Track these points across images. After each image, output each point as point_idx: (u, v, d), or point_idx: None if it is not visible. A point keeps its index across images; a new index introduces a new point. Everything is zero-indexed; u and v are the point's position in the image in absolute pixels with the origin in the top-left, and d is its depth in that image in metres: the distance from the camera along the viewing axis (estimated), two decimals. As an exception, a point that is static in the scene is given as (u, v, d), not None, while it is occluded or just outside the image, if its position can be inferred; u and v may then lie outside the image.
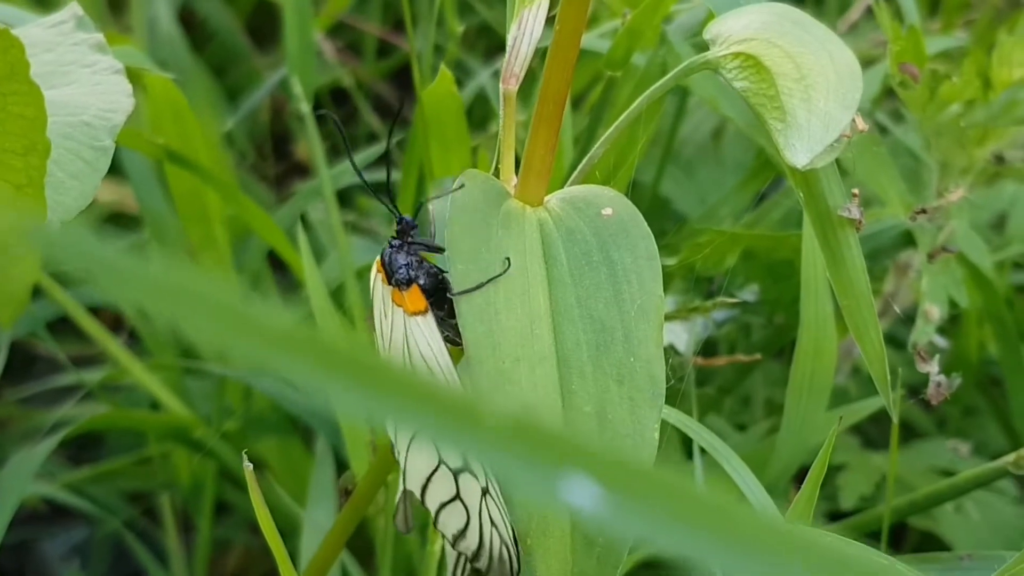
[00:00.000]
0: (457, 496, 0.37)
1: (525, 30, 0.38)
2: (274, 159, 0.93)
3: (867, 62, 0.71)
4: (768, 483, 0.50)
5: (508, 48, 0.38)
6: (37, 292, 0.62)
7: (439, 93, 0.47)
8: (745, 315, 0.56)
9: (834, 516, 0.56)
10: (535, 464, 0.15)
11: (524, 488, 0.15)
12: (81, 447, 0.74)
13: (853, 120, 0.38)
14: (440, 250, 0.38)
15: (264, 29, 0.96)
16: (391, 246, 0.38)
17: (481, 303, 0.35)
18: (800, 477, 0.53)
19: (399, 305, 0.37)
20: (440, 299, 0.38)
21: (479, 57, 0.88)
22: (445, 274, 0.37)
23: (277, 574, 0.73)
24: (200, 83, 0.81)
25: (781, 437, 0.49)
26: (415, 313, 0.37)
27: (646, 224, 0.37)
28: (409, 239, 0.38)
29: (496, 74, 0.65)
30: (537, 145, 0.37)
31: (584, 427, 0.35)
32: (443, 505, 0.37)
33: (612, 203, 0.38)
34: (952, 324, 0.60)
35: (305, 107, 0.58)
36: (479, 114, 0.73)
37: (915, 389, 0.57)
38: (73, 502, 0.68)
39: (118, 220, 0.79)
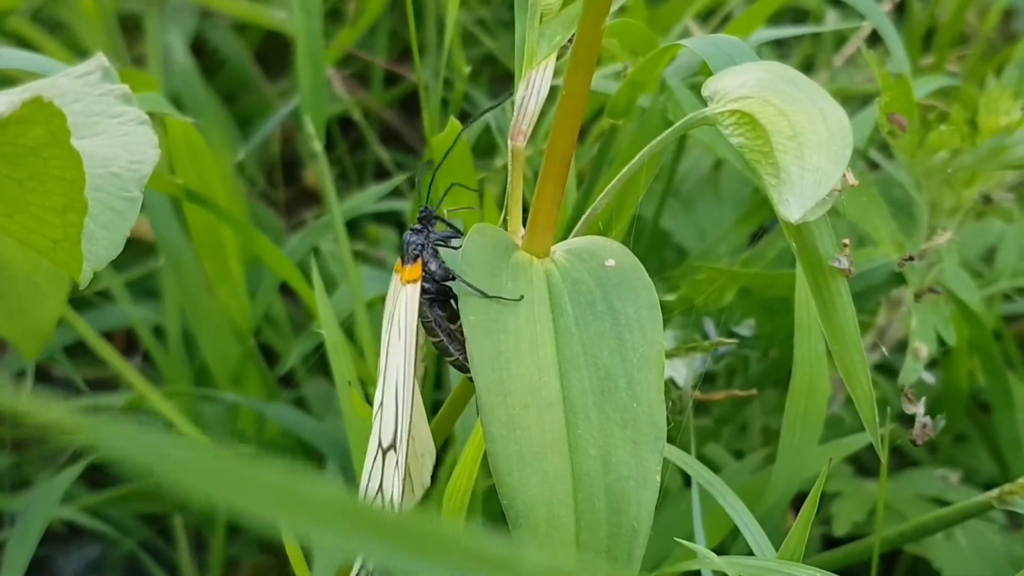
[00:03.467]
0: None
1: (532, 90, 0.40)
2: (284, 184, 0.95)
3: (863, 98, 0.73)
4: (766, 511, 0.52)
5: (516, 107, 0.40)
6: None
7: (448, 140, 0.49)
8: (742, 348, 0.58)
9: (829, 542, 0.58)
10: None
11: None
12: (95, 466, 0.76)
13: (844, 175, 0.40)
14: (454, 244, 0.41)
15: (273, 58, 0.98)
16: (412, 231, 0.41)
17: (492, 352, 0.37)
18: (797, 503, 0.55)
19: (399, 274, 0.41)
20: (453, 313, 0.41)
21: (484, 86, 0.90)
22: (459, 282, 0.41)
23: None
24: (212, 112, 0.84)
25: (776, 470, 0.51)
26: (409, 281, 0.41)
27: (647, 275, 0.39)
28: (429, 228, 0.41)
29: (502, 108, 0.67)
30: (544, 200, 0.39)
31: (589, 469, 0.37)
32: None
33: (615, 254, 0.40)
34: (944, 355, 0.62)
35: (318, 145, 0.60)
36: (484, 143, 0.75)
37: (907, 418, 0.59)
38: (90, 524, 0.70)
39: (131, 246, 0.81)
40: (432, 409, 0.46)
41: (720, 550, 0.53)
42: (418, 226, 0.42)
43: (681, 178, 0.68)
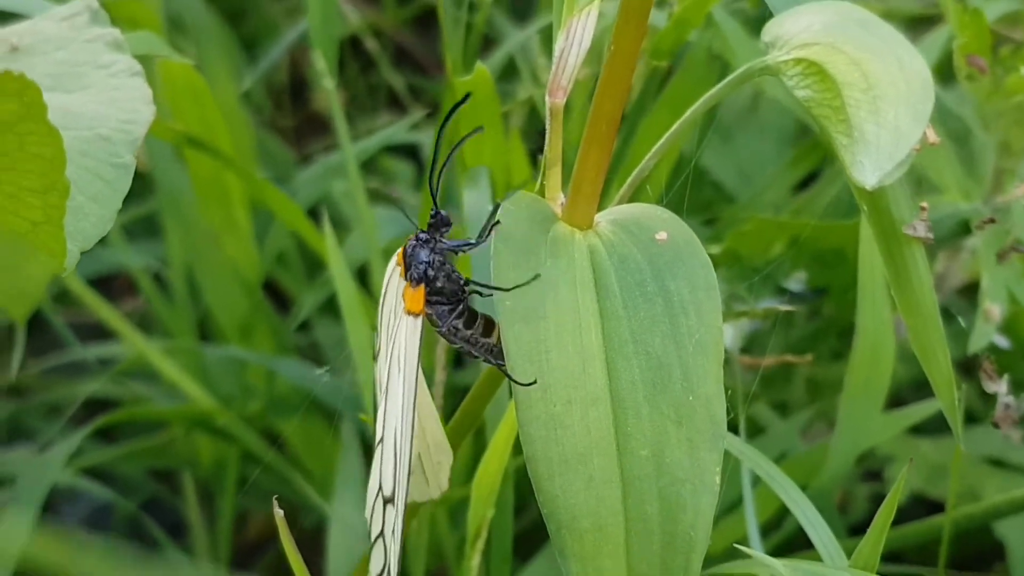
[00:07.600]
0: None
1: (573, 40, 0.35)
2: (292, 109, 0.90)
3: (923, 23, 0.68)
4: (822, 485, 0.48)
5: (555, 59, 0.35)
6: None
7: (473, 84, 0.45)
8: (791, 303, 0.53)
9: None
10: None
11: None
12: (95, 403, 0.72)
13: (924, 132, 0.35)
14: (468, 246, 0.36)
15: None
16: (417, 239, 0.35)
17: (530, 341, 0.33)
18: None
19: (400, 267, 0.35)
20: (470, 318, 0.36)
21: (504, 8, 0.84)
22: (472, 287, 0.36)
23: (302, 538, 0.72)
24: (215, 36, 0.78)
25: (835, 443, 0.47)
26: (410, 312, 0.35)
27: (704, 251, 0.35)
28: (439, 237, 0.36)
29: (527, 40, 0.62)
30: (587, 167, 0.35)
31: (640, 472, 0.33)
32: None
33: (666, 225, 0.35)
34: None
35: (329, 83, 0.55)
36: (507, 74, 0.70)
37: (966, 365, 0.55)
38: (97, 479, 0.67)
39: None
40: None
41: (772, 524, 0.50)
42: (424, 235, 0.35)
43: (719, 109, 0.63)
